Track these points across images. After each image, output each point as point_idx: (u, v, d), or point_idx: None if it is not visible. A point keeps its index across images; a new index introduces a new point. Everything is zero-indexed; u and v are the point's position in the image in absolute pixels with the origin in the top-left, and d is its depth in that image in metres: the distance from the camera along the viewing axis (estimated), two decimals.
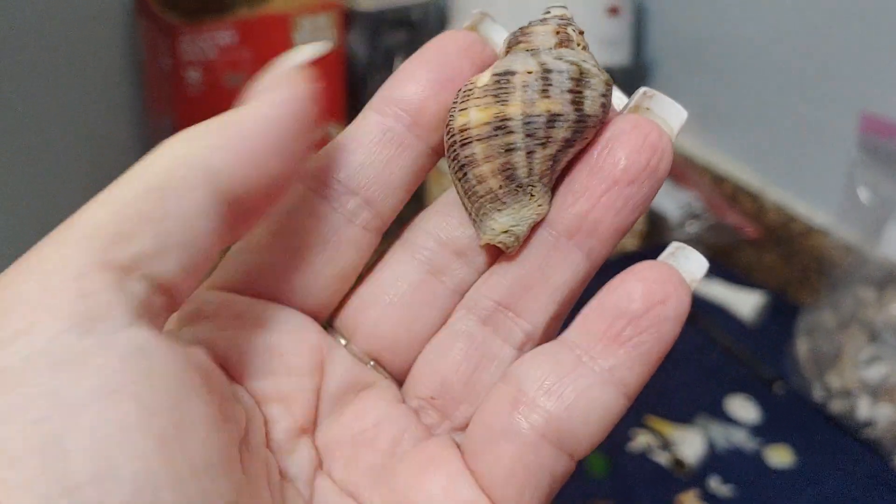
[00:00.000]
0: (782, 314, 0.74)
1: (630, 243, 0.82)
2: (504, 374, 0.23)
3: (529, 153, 0.23)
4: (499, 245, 0.24)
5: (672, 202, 0.82)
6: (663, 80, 0.90)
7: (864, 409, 0.62)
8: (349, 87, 0.78)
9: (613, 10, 0.75)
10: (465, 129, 0.23)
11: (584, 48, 0.24)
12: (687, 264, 0.22)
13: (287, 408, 0.22)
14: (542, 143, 0.23)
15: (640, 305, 0.21)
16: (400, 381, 0.25)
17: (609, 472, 0.59)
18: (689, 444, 0.61)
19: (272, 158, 0.20)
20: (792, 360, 0.68)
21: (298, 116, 0.20)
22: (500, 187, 0.23)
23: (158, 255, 0.18)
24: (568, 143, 0.23)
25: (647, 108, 0.23)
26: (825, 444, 0.63)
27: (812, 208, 0.76)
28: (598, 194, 0.23)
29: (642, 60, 0.90)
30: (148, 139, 0.76)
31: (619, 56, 0.77)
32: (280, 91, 0.21)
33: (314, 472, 0.22)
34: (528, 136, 0.23)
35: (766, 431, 0.63)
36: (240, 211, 0.20)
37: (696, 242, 0.79)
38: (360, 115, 0.24)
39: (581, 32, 0.24)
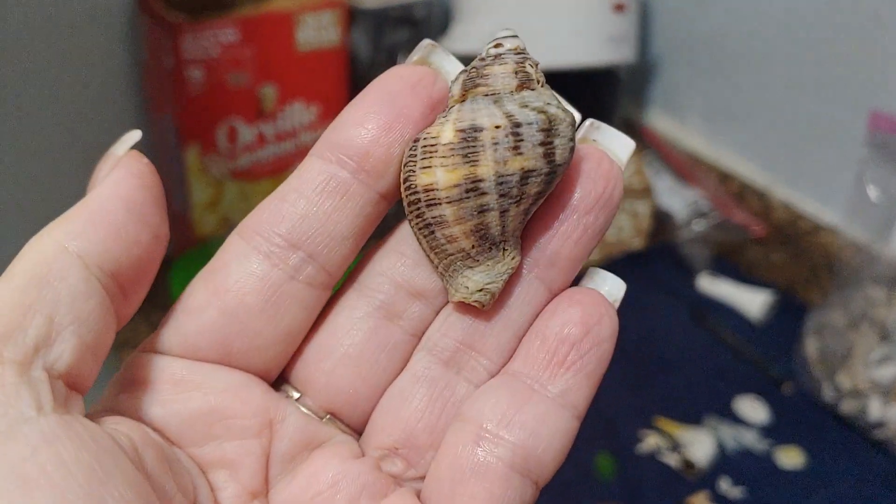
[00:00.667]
0: (790, 313, 0.74)
1: (636, 242, 0.81)
2: (457, 415, 0.23)
3: (503, 212, 0.22)
4: (473, 304, 0.23)
5: (679, 200, 0.82)
6: (669, 78, 0.89)
7: (876, 409, 0.61)
8: (352, 85, 0.77)
9: (619, 7, 0.74)
10: (432, 190, 0.22)
11: (543, 84, 0.23)
12: (605, 285, 0.23)
13: (233, 473, 0.22)
14: (516, 202, 0.22)
15: (579, 329, 0.22)
16: (359, 431, 0.24)
17: (617, 474, 0.59)
18: (699, 445, 0.61)
19: (133, 228, 0.20)
20: (800, 360, 0.68)
21: (142, 185, 0.21)
22: (473, 247, 0.23)
23: (52, 342, 0.18)
24: (540, 195, 0.22)
25: (594, 140, 0.24)
26: (836, 445, 0.62)
27: (820, 206, 0.76)
28: (556, 225, 0.23)
29: (648, 57, 0.90)
30: (150, 139, 0.75)
31: (625, 53, 0.76)
32: (118, 170, 0.21)
33: None
34: (501, 196, 0.22)
35: (775, 432, 0.63)
36: (121, 283, 0.20)
37: (702, 241, 0.78)
38: (303, 162, 0.23)
39: (536, 65, 0.23)
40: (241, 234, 0.23)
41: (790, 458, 0.61)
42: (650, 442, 0.61)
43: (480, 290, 0.23)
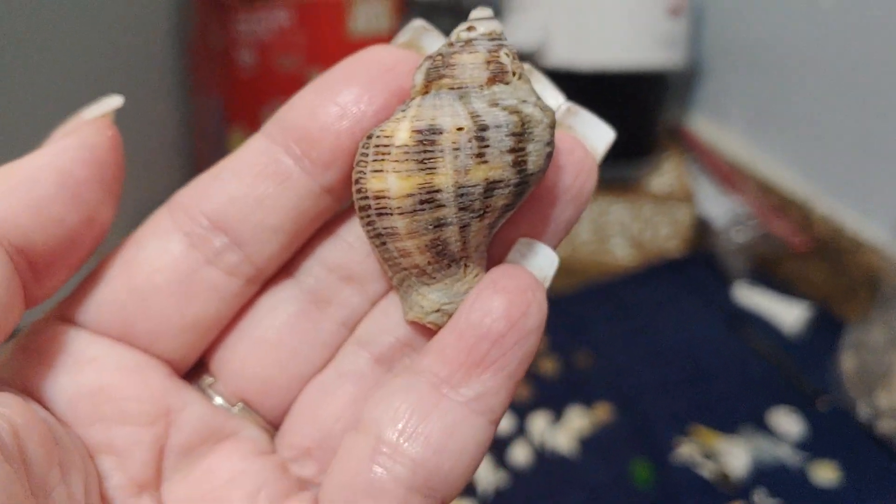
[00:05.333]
0: (826, 328, 0.73)
1: (675, 247, 0.80)
2: (359, 421, 0.20)
3: (463, 227, 0.19)
4: (428, 325, 0.21)
5: (719, 208, 0.81)
6: (714, 82, 0.89)
7: None
8: None
9: (675, 11, 0.73)
10: (383, 198, 0.19)
11: (521, 77, 0.20)
12: (537, 260, 0.20)
13: (121, 461, 0.20)
14: (479, 216, 0.19)
15: (503, 324, 0.19)
16: (278, 424, 0.22)
17: (654, 482, 0.58)
18: (734, 455, 0.60)
19: (60, 206, 0.18)
20: (836, 376, 0.67)
21: (89, 160, 0.19)
22: (429, 263, 0.20)
23: None
24: (508, 207, 0.20)
25: (570, 127, 0.21)
26: (871, 463, 0.61)
27: (864, 222, 0.75)
28: (519, 219, 0.21)
29: (694, 61, 0.89)
30: (194, 119, 0.75)
31: (675, 57, 0.75)
32: (69, 138, 0.19)
33: None
34: (462, 209, 0.19)
35: (810, 447, 0.62)
36: (33, 261, 0.18)
37: (741, 250, 0.78)
38: (250, 139, 0.21)
39: (516, 55, 0.20)
40: (169, 207, 0.21)
41: (825, 473, 0.60)
42: (685, 450, 0.61)
43: (437, 311, 0.20)
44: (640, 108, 0.78)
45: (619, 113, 0.79)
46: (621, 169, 0.80)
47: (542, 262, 0.20)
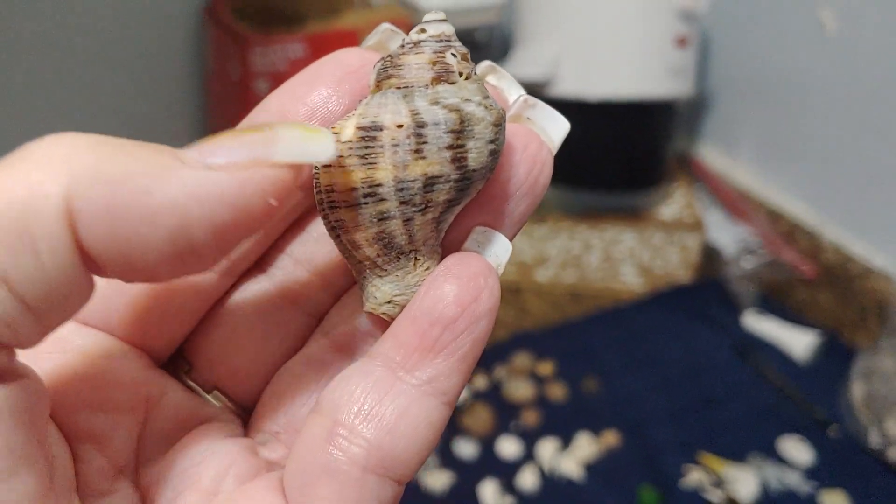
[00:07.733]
0: (835, 356, 0.73)
1: (684, 275, 0.81)
2: (316, 403, 0.20)
3: (407, 220, 0.20)
4: (382, 316, 0.21)
5: (728, 236, 0.82)
6: (723, 112, 0.89)
7: None
8: None
9: (682, 41, 0.74)
10: (331, 191, 0.20)
11: (469, 77, 0.20)
12: (492, 248, 0.21)
13: (100, 447, 0.20)
14: (421, 210, 0.20)
15: (454, 309, 0.20)
16: (249, 410, 0.23)
17: None
18: (743, 483, 0.60)
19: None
20: (846, 404, 0.67)
21: (240, 225, 0.17)
22: (378, 255, 0.21)
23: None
24: (452, 203, 0.20)
25: (528, 118, 0.22)
26: (882, 492, 0.61)
27: (872, 250, 0.75)
28: (473, 213, 0.22)
29: (703, 91, 0.90)
30: None
31: (683, 87, 0.76)
32: (252, 177, 0.17)
33: None
34: (402, 203, 0.20)
35: (820, 475, 0.62)
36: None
37: (750, 278, 0.78)
38: None
39: (465, 56, 0.21)
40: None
41: (834, 501, 0.60)
42: (694, 477, 0.61)
43: (389, 303, 0.21)
44: (649, 138, 0.79)
45: (628, 142, 0.81)
46: (631, 197, 0.81)
47: (498, 249, 0.21)
